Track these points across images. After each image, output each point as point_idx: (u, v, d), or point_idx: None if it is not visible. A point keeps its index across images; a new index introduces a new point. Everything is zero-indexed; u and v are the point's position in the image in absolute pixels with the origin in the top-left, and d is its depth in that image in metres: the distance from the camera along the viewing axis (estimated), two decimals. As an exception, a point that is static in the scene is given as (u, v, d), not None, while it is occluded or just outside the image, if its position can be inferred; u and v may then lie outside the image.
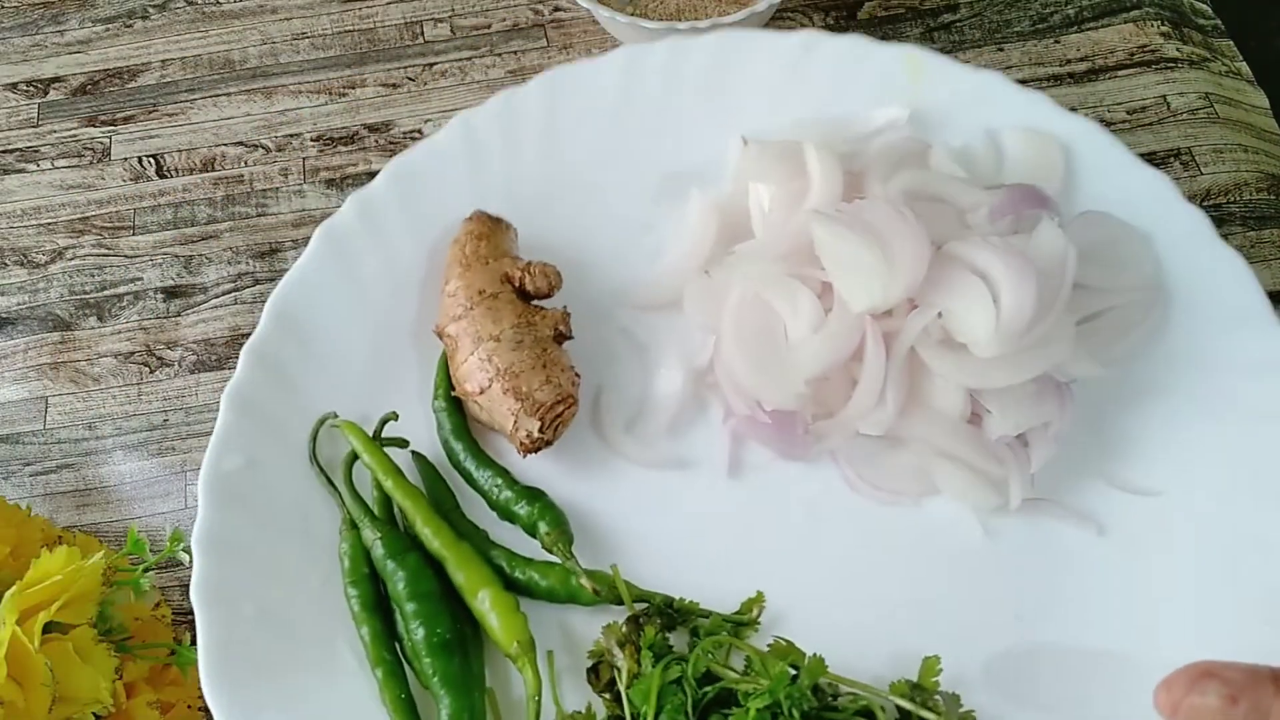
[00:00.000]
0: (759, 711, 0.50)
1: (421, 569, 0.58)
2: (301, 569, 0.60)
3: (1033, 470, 0.57)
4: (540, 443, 0.61)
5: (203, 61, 0.95)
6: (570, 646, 0.58)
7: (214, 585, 0.58)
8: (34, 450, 0.78)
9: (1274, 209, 0.84)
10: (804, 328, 0.59)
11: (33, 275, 0.86)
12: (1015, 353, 0.55)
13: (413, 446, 0.65)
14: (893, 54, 0.68)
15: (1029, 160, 0.65)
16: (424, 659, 0.56)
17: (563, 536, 0.59)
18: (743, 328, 0.60)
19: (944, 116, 0.67)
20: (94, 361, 0.82)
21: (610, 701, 0.55)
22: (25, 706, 0.53)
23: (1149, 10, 0.93)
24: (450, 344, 0.64)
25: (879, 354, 0.56)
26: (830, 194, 0.61)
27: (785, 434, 0.59)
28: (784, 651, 0.54)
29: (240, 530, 0.60)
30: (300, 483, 0.63)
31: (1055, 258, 0.57)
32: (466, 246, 0.65)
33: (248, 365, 0.64)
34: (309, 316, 0.66)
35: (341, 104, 0.92)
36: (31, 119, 0.93)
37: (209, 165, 0.90)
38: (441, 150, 0.70)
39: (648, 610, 0.56)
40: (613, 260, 0.68)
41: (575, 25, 0.95)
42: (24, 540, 0.62)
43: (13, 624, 0.54)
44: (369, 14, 0.97)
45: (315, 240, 0.68)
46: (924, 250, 0.56)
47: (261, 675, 0.56)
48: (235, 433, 0.62)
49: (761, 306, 0.61)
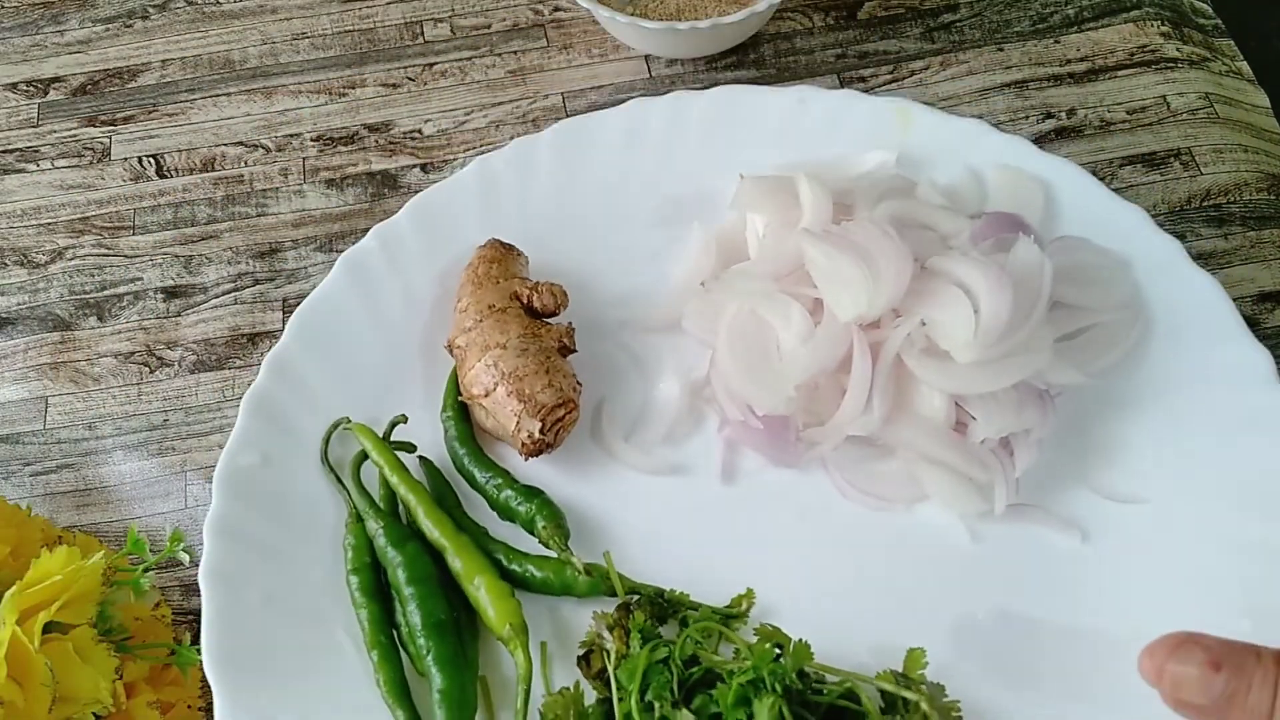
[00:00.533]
0: (742, 686, 0.51)
1: (420, 556, 0.61)
2: (306, 560, 0.63)
3: (1017, 474, 0.60)
4: (541, 444, 0.62)
5: (203, 61, 0.95)
6: (562, 637, 0.60)
7: (222, 570, 0.61)
8: (34, 450, 0.78)
9: (1274, 209, 0.84)
10: (794, 338, 0.62)
11: (33, 275, 0.86)
12: (996, 359, 0.58)
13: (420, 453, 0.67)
14: (883, 105, 0.73)
15: (1010, 193, 0.70)
16: (419, 640, 0.58)
17: (559, 530, 0.61)
18: (737, 339, 0.64)
19: (930, 158, 0.72)
20: (94, 361, 0.82)
21: (600, 686, 0.56)
22: (25, 706, 0.53)
23: (1149, 10, 0.93)
24: (460, 354, 0.67)
25: (865, 361, 0.59)
26: (821, 219, 0.65)
27: (777, 440, 0.62)
28: (770, 635, 0.56)
29: (250, 521, 0.63)
30: (310, 482, 0.66)
31: (1032, 270, 0.61)
32: (479, 268, 0.69)
33: (269, 373, 0.68)
34: (329, 332, 0.70)
35: (341, 104, 0.92)
36: (31, 119, 0.93)
37: (209, 165, 0.90)
38: (460, 187, 0.75)
39: (639, 599, 0.58)
40: (618, 285, 0.73)
41: (575, 25, 0.95)
42: (24, 540, 0.62)
43: (13, 624, 0.54)
44: (369, 14, 0.97)
45: (338, 266, 0.72)
46: (907, 265, 0.59)
47: (262, 656, 0.59)
48: (252, 433, 0.66)
49: (755, 320, 0.64)
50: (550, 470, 0.65)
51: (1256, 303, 0.79)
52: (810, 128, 0.74)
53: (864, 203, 0.67)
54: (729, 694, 0.51)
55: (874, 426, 0.60)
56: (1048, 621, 0.58)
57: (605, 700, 0.55)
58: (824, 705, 0.53)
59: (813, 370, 0.61)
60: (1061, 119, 0.88)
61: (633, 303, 0.72)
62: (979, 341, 0.57)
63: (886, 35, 0.93)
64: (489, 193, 0.75)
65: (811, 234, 0.62)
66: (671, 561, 0.61)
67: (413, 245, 0.73)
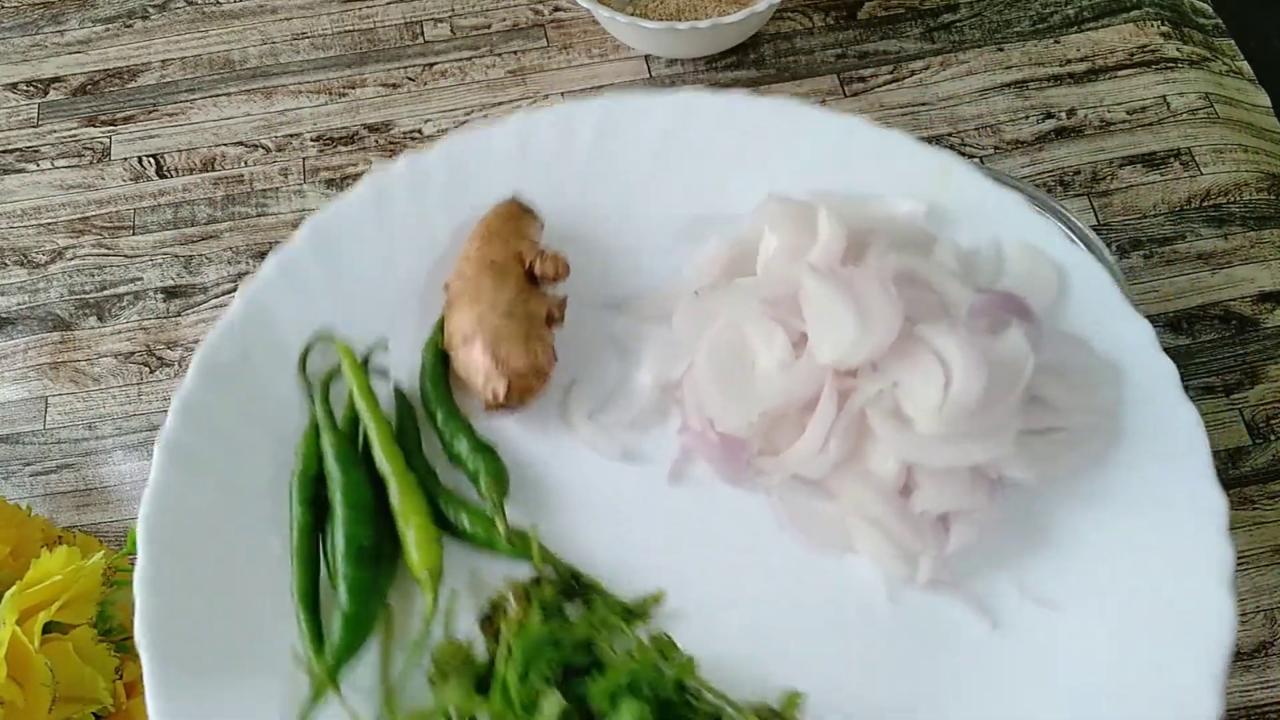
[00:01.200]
0: (616, 684, 0.53)
1: (362, 483, 0.62)
2: (264, 456, 0.64)
3: (947, 551, 0.60)
4: (505, 406, 0.64)
5: (203, 61, 0.95)
6: (476, 590, 0.61)
7: (179, 444, 0.62)
8: (34, 450, 0.78)
9: (1274, 209, 0.84)
10: (772, 365, 0.63)
11: (33, 275, 0.86)
12: (956, 437, 0.59)
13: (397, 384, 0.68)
14: (927, 155, 0.72)
15: (1025, 274, 0.69)
16: (338, 561, 0.60)
17: (497, 488, 0.62)
18: (717, 351, 0.64)
19: (960, 218, 0.71)
20: (94, 361, 0.82)
21: (493, 645, 0.58)
22: (25, 706, 0.53)
23: (1149, 10, 0.93)
24: (451, 299, 0.67)
25: (831, 406, 0.60)
26: (831, 254, 0.65)
27: (729, 458, 0.63)
28: (661, 644, 0.57)
29: (220, 407, 0.64)
30: (286, 386, 0.66)
31: (1014, 361, 0.61)
32: (492, 222, 0.69)
33: (273, 268, 0.68)
34: (340, 246, 0.70)
35: (341, 104, 0.92)
36: (31, 119, 0.93)
37: (209, 165, 0.90)
38: (499, 138, 0.74)
39: (553, 574, 0.59)
40: (624, 271, 0.72)
41: (575, 25, 0.95)
42: (24, 540, 0.62)
43: (13, 624, 0.54)
44: (369, 14, 0.97)
45: (364, 185, 0.72)
46: (896, 324, 0.60)
47: (194, 534, 0.60)
48: (242, 323, 0.66)
49: (739, 337, 0.65)
50: (511, 429, 0.66)
51: (1256, 303, 0.79)
52: (853, 159, 0.73)
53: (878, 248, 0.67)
54: (603, 687, 0.53)
55: (823, 471, 0.61)
56: (935, 699, 0.58)
57: (493, 660, 0.57)
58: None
59: (781, 401, 0.62)
60: (1061, 119, 0.88)
61: (633, 291, 0.71)
62: (943, 416, 0.58)
63: (886, 35, 0.93)
64: (525, 151, 0.74)
65: (815, 269, 0.63)
66: (599, 545, 0.62)
67: (440, 183, 0.73)
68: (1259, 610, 0.71)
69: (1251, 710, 0.69)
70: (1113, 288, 0.68)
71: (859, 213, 0.70)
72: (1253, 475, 0.75)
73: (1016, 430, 0.60)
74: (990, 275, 0.69)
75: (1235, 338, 0.79)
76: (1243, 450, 0.76)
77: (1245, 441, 0.76)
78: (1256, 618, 0.71)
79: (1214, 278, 0.81)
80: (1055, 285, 0.68)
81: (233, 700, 0.57)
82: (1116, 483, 0.62)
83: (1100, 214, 0.84)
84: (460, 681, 0.56)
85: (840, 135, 0.74)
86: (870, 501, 0.60)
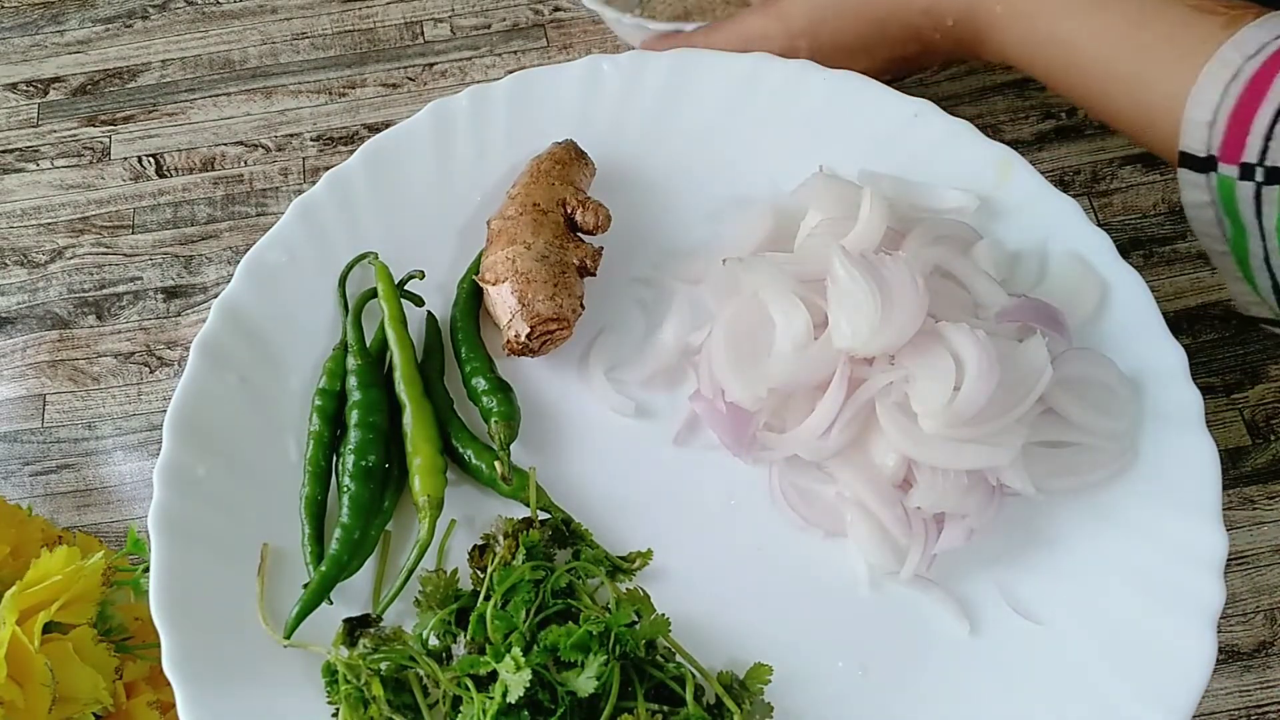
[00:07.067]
0: (588, 634, 0.53)
1: (379, 404, 0.64)
2: (292, 364, 0.67)
3: (934, 551, 0.60)
4: (525, 349, 0.65)
5: (203, 61, 0.95)
6: (471, 527, 0.62)
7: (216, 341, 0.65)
8: (33, 450, 0.78)
9: (1274, 209, 0.84)
10: (789, 342, 0.62)
11: (32, 275, 0.86)
12: (959, 439, 0.58)
13: (430, 309, 0.70)
14: (992, 150, 0.71)
15: (1066, 285, 0.67)
16: (345, 479, 0.61)
17: (507, 429, 0.63)
18: (737, 322, 0.64)
19: (1011, 219, 0.70)
20: (94, 361, 0.82)
21: (478, 580, 0.59)
22: (25, 706, 0.53)
23: (1149, 10, 0.93)
24: (491, 236, 0.68)
25: (840, 392, 0.60)
26: (868, 238, 0.64)
27: (735, 429, 0.63)
28: (638, 600, 0.58)
29: (259, 309, 0.67)
30: (324, 296, 0.69)
31: (1031, 371, 0.60)
32: (544, 163, 0.70)
33: (327, 184, 0.70)
34: (394, 168, 0.72)
35: (341, 104, 0.92)
36: (31, 119, 0.93)
37: (209, 165, 0.90)
38: (566, 76, 0.75)
39: (546, 519, 0.60)
40: (665, 231, 0.72)
41: (575, 25, 0.95)
42: (24, 540, 0.62)
43: (13, 624, 0.54)
44: (369, 14, 0.97)
45: (427, 111, 0.73)
46: (918, 318, 0.59)
47: (216, 428, 0.63)
48: (289, 231, 0.69)
49: (761, 310, 0.64)
50: (532, 371, 0.67)
51: (1256, 303, 0.79)
52: (913, 144, 0.71)
53: (918, 238, 0.66)
54: (573, 635, 0.54)
55: (825, 455, 0.61)
56: (904, 692, 0.58)
57: (475, 594, 0.58)
58: (656, 680, 0.55)
59: (793, 380, 0.61)
60: (1061, 119, 0.88)
61: (672, 250, 0.71)
62: (946, 416, 0.57)
63: (886, 35, 0.93)
64: (589, 94, 0.74)
65: (846, 252, 0.61)
66: (597, 496, 0.63)
67: (500, 118, 0.74)
68: (1259, 610, 0.71)
69: (1251, 710, 0.69)
70: (1153, 310, 0.66)
71: (906, 199, 0.69)
72: (1253, 475, 0.75)
73: (1023, 440, 0.59)
74: (1030, 281, 0.68)
75: (1235, 338, 0.79)
76: (1243, 450, 0.76)
77: (1245, 441, 0.76)
78: (1256, 618, 0.71)
79: (1214, 278, 0.81)
80: (1095, 300, 0.66)
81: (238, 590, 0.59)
82: (1121, 506, 0.61)
83: (1100, 214, 0.84)
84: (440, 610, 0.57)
85: (906, 117, 0.72)
86: (866, 491, 0.60)
